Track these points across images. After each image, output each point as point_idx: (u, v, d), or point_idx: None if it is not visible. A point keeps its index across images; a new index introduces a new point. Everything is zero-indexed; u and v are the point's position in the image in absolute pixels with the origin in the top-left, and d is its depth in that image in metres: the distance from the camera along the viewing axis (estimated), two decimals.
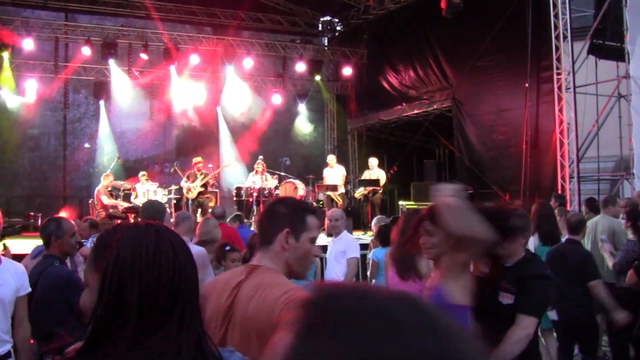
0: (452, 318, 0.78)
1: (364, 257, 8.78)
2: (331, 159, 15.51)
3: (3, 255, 4.47)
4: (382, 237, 7.43)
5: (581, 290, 5.71)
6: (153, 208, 5.82)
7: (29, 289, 4.20)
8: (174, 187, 14.58)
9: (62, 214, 14.80)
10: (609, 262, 6.52)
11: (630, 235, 6.40)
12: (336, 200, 14.64)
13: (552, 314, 5.78)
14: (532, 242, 6.26)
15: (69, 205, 16.38)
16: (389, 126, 19.16)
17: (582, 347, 5.97)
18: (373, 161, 14.96)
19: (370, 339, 0.71)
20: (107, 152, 17.20)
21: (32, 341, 4.40)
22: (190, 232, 6.88)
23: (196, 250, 5.85)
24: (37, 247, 5.71)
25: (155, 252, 1.51)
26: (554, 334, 6.39)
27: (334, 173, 15.06)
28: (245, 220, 13.42)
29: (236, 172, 16.62)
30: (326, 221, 8.41)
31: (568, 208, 10.44)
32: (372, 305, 0.75)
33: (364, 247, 8.88)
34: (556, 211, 7.79)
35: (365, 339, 0.71)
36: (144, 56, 16.89)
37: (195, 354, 1.50)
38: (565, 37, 12.07)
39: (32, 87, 16.43)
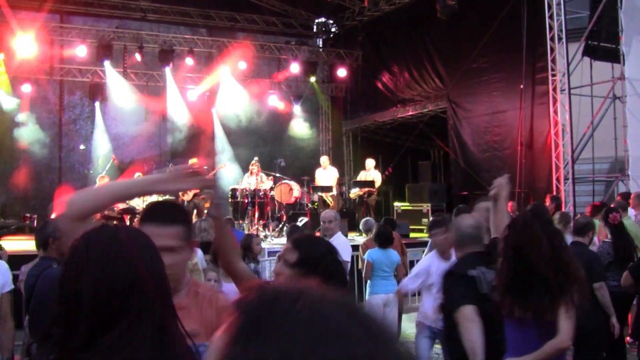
0: (387, 324, 0.78)
1: (358, 258, 8.75)
2: (324, 160, 15.53)
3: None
4: (382, 239, 7.38)
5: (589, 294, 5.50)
6: None
7: (12, 286, 4.22)
8: None
9: (55, 214, 14.76)
10: None
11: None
12: (328, 201, 14.64)
13: None
14: None
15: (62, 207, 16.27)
16: (384, 127, 19.18)
17: (585, 353, 5.45)
18: (370, 162, 14.97)
19: (302, 343, 0.71)
20: (102, 153, 17.14)
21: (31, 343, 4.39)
22: None
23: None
24: None
25: (106, 247, 1.58)
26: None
27: (326, 174, 15.07)
28: (240, 221, 13.49)
29: (231, 173, 16.59)
30: (320, 222, 8.32)
31: (563, 209, 10.46)
32: (306, 308, 0.75)
33: (356, 248, 8.79)
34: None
35: (297, 343, 0.71)
36: (139, 58, 16.86)
37: (153, 347, 1.54)
38: (560, 39, 12.10)
39: (27, 88, 16.37)
